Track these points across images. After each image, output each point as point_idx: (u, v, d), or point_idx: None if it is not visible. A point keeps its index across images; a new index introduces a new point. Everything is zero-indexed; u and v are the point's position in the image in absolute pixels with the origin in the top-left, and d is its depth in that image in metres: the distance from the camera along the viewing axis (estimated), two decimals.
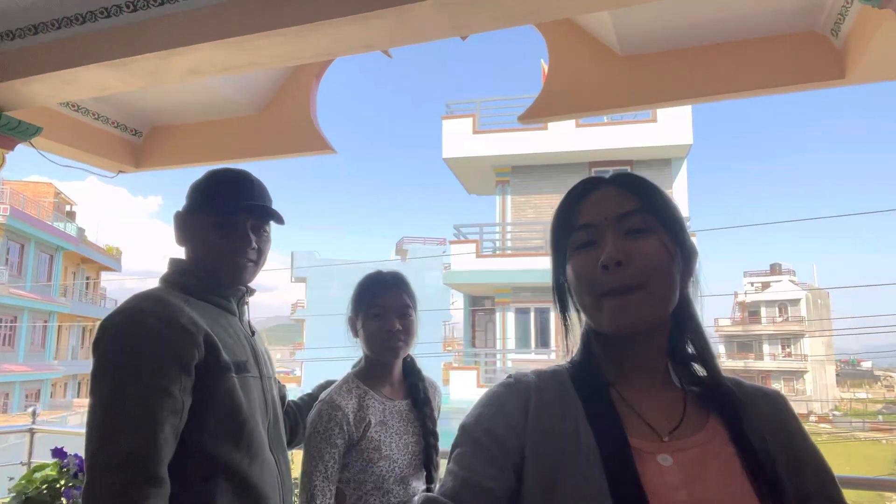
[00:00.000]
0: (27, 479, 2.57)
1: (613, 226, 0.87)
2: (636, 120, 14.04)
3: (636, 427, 0.84)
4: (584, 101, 2.66)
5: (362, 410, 1.65)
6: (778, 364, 46.84)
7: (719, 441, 0.84)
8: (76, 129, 3.11)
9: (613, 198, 0.90)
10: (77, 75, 2.23)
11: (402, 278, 1.79)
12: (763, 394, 0.92)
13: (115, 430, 1.19)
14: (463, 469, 0.84)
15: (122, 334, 1.27)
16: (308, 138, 3.04)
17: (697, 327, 0.91)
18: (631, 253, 0.84)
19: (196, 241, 1.48)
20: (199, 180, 1.53)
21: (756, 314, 50.35)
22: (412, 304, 1.76)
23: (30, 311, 25.52)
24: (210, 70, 2.20)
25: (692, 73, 2.49)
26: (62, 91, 2.37)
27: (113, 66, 2.16)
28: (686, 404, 0.88)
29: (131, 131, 3.41)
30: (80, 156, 3.21)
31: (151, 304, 1.32)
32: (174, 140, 3.43)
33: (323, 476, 1.56)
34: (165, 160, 3.46)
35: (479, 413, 0.89)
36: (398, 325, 1.70)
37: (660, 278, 0.85)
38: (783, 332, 47.62)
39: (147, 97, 3.18)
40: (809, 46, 2.27)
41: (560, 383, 0.90)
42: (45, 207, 28.78)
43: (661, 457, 0.81)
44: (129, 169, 3.44)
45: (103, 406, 1.21)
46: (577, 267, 0.89)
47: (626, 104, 2.67)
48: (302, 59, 2.14)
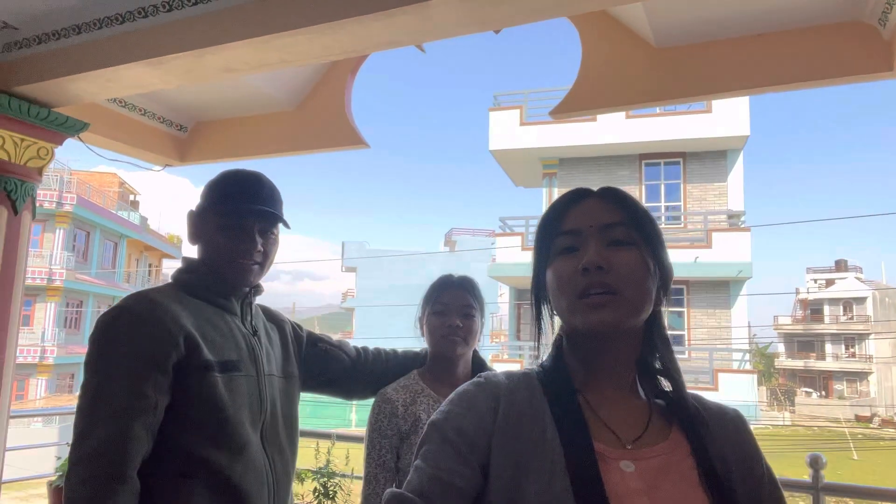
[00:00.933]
0: None
1: (597, 234, 0.90)
2: (689, 111, 13.65)
3: (601, 433, 0.87)
4: (617, 95, 2.60)
5: (414, 405, 1.72)
6: (840, 364, 44.98)
7: (680, 453, 0.87)
8: (123, 124, 3.23)
9: (599, 209, 0.93)
10: (118, 73, 2.32)
11: (469, 281, 1.85)
12: (724, 413, 0.95)
13: (90, 425, 1.25)
14: (431, 466, 0.85)
15: (105, 332, 1.34)
16: (342, 133, 3.08)
17: (666, 343, 0.95)
18: (611, 261, 0.88)
19: (204, 241, 1.52)
20: (211, 181, 1.56)
21: (819, 312, 48.42)
22: (477, 306, 1.81)
23: (95, 295, 26.76)
24: (243, 68, 2.25)
25: (731, 65, 2.41)
26: (105, 88, 2.47)
27: (151, 65, 2.24)
28: (651, 415, 0.91)
29: (176, 126, 3.52)
30: (126, 150, 3.33)
31: (137, 302, 1.37)
32: (217, 135, 3.52)
33: (376, 463, 1.67)
34: (209, 154, 3.56)
35: (448, 411, 0.90)
36: (459, 322, 1.76)
37: (635, 288, 0.88)
38: (847, 332, 45.65)
39: (191, 93, 3.28)
40: (855, 37, 2.16)
41: (529, 386, 0.92)
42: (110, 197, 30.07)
43: (623, 463, 0.84)
44: (174, 163, 3.55)
45: (83, 402, 1.29)
46: (557, 270, 0.92)
47: (661, 97, 2.60)
48: (330, 56, 2.17)
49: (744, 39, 2.39)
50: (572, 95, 2.62)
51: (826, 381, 45.66)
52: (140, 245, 31.97)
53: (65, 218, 24.30)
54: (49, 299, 23.95)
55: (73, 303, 25.61)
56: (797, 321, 50.22)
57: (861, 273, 53.23)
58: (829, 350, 46.46)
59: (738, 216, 14.22)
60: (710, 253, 13.45)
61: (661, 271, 0.92)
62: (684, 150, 14.41)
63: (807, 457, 1.89)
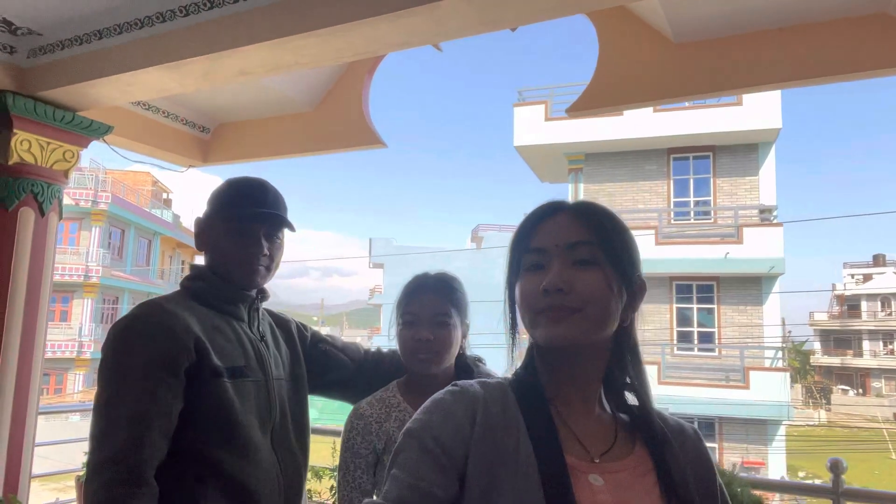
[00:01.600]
0: None
1: (562, 254, 0.91)
2: (719, 103, 13.38)
3: (571, 445, 0.88)
4: (635, 91, 2.57)
5: (388, 422, 1.54)
6: (878, 361, 43.80)
7: (643, 469, 0.89)
8: (147, 126, 3.30)
9: (568, 226, 0.93)
10: (138, 77, 2.37)
11: (445, 282, 1.61)
12: (683, 430, 0.97)
13: (107, 431, 1.28)
14: (410, 475, 0.84)
15: (118, 340, 1.36)
16: (359, 133, 3.10)
17: (636, 358, 0.96)
18: (573, 282, 0.89)
19: (211, 247, 1.54)
20: (217, 188, 1.59)
21: (856, 308, 47.22)
22: (455, 311, 1.57)
23: (130, 291, 27.39)
24: (258, 70, 2.28)
25: (751, 60, 2.35)
26: (126, 92, 2.52)
27: (168, 69, 2.28)
28: (617, 430, 0.93)
29: (199, 128, 3.58)
30: (151, 151, 3.41)
31: (147, 310, 1.41)
32: (238, 136, 3.57)
33: (350, 486, 1.52)
34: (231, 155, 3.61)
35: (426, 420, 0.90)
36: (429, 335, 1.53)
37: (595, 306, 0.89)
38: (885, 328, 44.43)
39: (213, 96, 3.33)
40: (879, 29, 2.09)
41: (504, 396, 0.92)
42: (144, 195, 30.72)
43: (592, 476, 0.85)
44: (197, 164, 3.62)
45: (98, 408, 1.31)
46: (522, 287, 0.94)
47: (679, 93, 2.56)
48: (342, 57, 2.18)
49: (763, 33, 2.34)
50: (590, 92, 2.59)
51: (863, 379, 44.53)
52: (173, 242, 32.60)
53: (100, 216, 24.90)
54: (86, 295, 24.58)
55: (109, 299, 26.24)
56: (833, 317, 49.04)
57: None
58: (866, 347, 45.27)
59: (769, 211, 13.91)
60: (741, 248, 13.19)
61: (628, 288, 0.93)
62: (714, 143, 14.12)
63: (827, 461, 1.85)
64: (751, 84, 2.40)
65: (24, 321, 2.55)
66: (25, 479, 2.58)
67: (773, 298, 13.75)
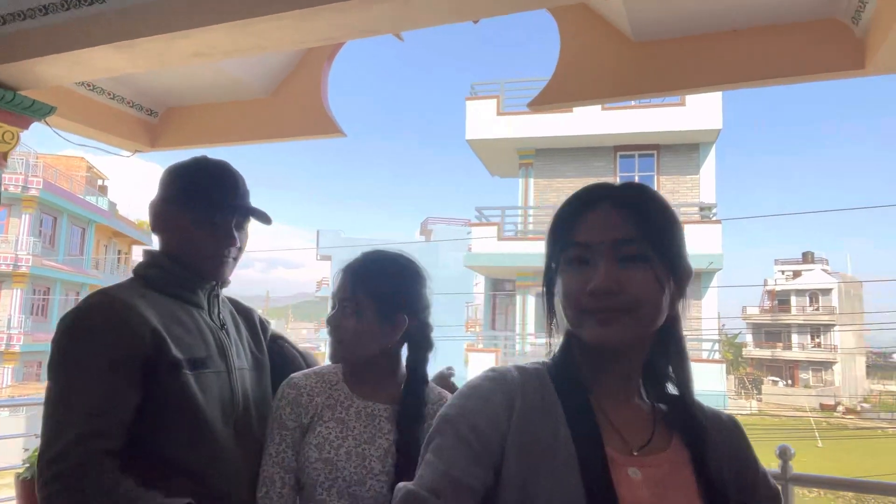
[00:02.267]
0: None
1: (609, 250, 0.87)
2: (663, 103, 13.77)
3: (610, 437, 0.86)
4: (595, 88, 2.60)
5: (320, 396, 1.40)
6: (807, 354, 46.10)
7: (680, 463, 0.88)
8: (92, 108, 3.15)
9: (613, 220, 0.88)
10: (86, 56, 2.25)
11: (368, 265, 1.45)
12: (721, 420, 0.96)
13: (62, 425, 1.21)
14: (444, 462, 0.82)
15: (70, 332, 1.29)
16: (317, 121, 3.04)
17: (681, 349, 0.93)
18: (622, 282, 0.85)
19: (173, 235, 1.46)
20: (178, 169, 1.50)
21: (786, 303, 49.51)
22: (367, 298, 1.40)
23: (62, 282, 26.21)
24: (215, 53, 2.20)
25: (708, 60, 2.42)
26: (73, 72, 2.39)
27: (120, 48, 2.17)
28: (655, 421, 0.91)
29: (147, 111, 3.44)
30: (95, 134, 3.25)
31: (99, 300, 1.33)
32: (189, 121, 3.45)
33: (273, 461, 1.36)
34: (180, 140, 3.48)
35: (462, 405, 0.87)
36: (334, 320, 1.42)
37: (647, 307, 0.86)
38: (813, 322, 46.77)
39: (162, 78, 3.20)
40: (829, 35, 2.18)
41: (542, 384, 0.90)
42: (78, 181, 29.41)
43: (631, 469, 0.84)
44: (144, 149, 3.48)
45: (51, 402, 1.24)
46: (566, 282, 0.90)
47: (639, 91, 2.61)
48: (307, 42, 2.13)
49: (719, 35, 2.41)
50: (551, 87, 2.62)
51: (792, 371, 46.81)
52: (109, 231, 31.34)
53: (31, 202, 23.70)
54: (15, 286, 23.39)
55: (40, 290, 25.05)
56: (765, 311, 51.30)
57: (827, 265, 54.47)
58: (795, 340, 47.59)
59: (709, 208, 14.43)
60: None
61: (677, 278, 0.89)
62: (658, 142, 14.55)
63: (776, 448, 1.93)
64: (706, 84, 2.47)
65: None
66: None
67: (711, 293, 14.27)
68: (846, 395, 42.15)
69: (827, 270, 51.23)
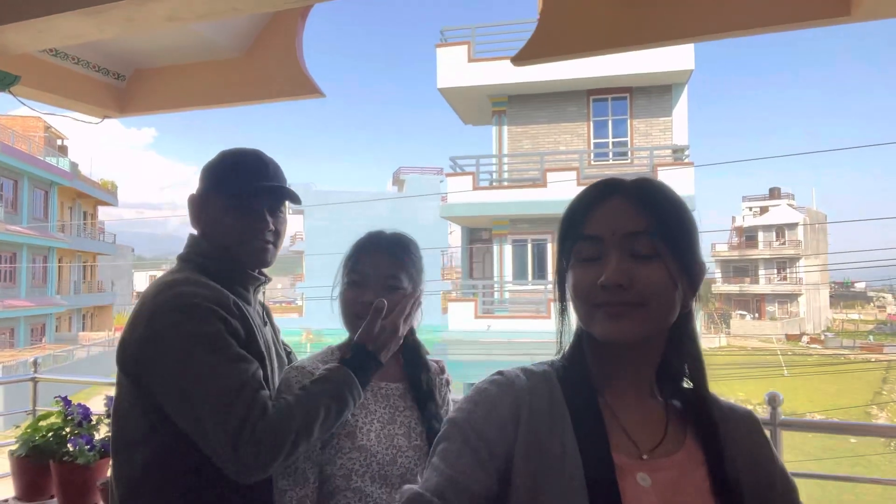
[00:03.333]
0: (33, 428, 2.64)
1: (620, 244, 0.85)
2: None
3: (619, 441, 0.85)
4: (581, 41, 2.55)
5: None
6: (773, 288, 47.54)
7: (694, 463, 0.86)
8: (56, 74, 3.01)
9: (625, 213, 0.86)
10: (52, 23, 2.13)
11: (401, 243, 1.44)
12: (737, 415, 0.94)
13: (223, 404, 1.21)
14: (449, 467, 0.83)
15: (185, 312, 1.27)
16: (295, 81, 2.94)
17: (695, 346, 0.91)
18: (634, 277, 0.84)
19: (210, 225, 1.45)
20: (211, 161, 1.49)
21: (753, 239, 50.70)
22: (406, 277, 1.41)
23: (28, 247, 25.60)
24: (188, 17, 2.10)
25: (693, 10, 2.38)
26: (38, 40, 2.28)
27: (87, 14, 2.06)
28: (668, 420, 0.90)
29: (114, 75, 3.30)
30: (62, 102, 3.11)
31: (193, 287, 1.32)
32: (158, 84, 3.32)
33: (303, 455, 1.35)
34: (150, 105, 3.36)
35: (470, 411, 0.87)
36: (376, 298, 1.37)
37: (658, 301, 0.84)
38: (780, 256, 48.05)
39: (128, 40, 3.05)
40: None
41: (550, 389, 0.89)
42: (36, 142, 28.37)
43: (640, 476, 0.83)
44: (113, 115, 3.34)
45: (200, 385, 1.23)
46: (576, 278, 0.88)
47: (625, 44, 2.56)
48: (286, 4, 2.05)
49: None
50: (535, 41, 2.56)
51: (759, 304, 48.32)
52: (72, 192, 30.50)
53: None
54: None
55: (5, 256, 24.45)
56: (733, 248, 52.48)
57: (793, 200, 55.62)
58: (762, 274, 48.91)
59: (682, 150, 14.52)
60: None
61: (689, 275, 0.87)
62: (631, 84, 14.47)
63: (765, 395, 2.01)
64: (694, 34, 2.43)
65: None
66: None
67: None
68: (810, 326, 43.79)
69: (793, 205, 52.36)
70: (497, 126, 15.50)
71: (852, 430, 2.23)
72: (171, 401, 1.25)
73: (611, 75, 13.82)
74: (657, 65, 13.55)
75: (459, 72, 14.71)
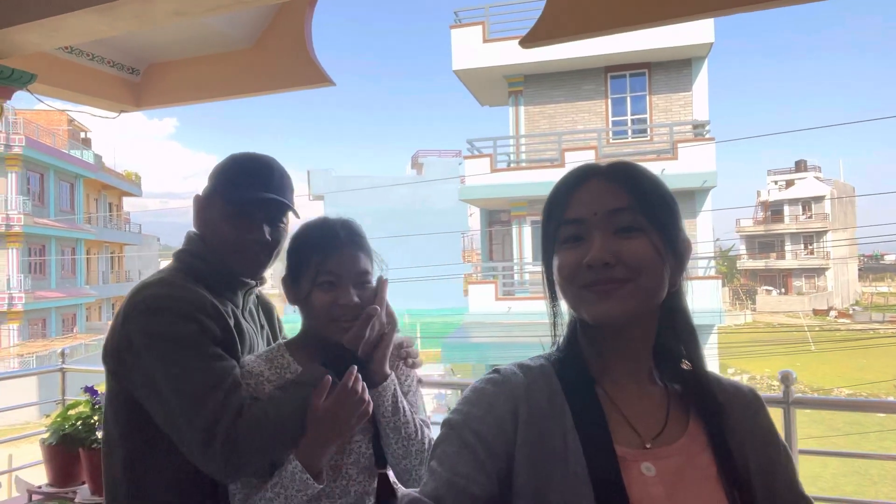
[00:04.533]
0: (62, 416, 2.73)
1: (602, 223, 0.85)
2: None
3: (621, 431, 0.85)
4: (592, 20, 2.50)
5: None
6: (800, 262, 46.80)
7: (697, 447, 0.86)
8: (72, 71, 3.06)
9: (604, 192, 0.86)
10: (64, 22, 2.17)
11: (358, 232, 1.41)
12: (740, 394, 0.93)
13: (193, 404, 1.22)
14: (447, 470, 0.81)
15: (162, 312, 1.28)
16: (305, 70, 2.95)
17: (687, 322, 0.91)
18: (619, 252, 0.83)
19: (209, 229, 1.45)
20: (221, 164, 1.48)
21: (779, 213, 49.86)
22: (371, 266, 1.40)
23: (57, 239, 26.11)
24: (196, 11, 2.13)
25: None
26: (52, 38, 2.32)
27: (98, 11, 2.10)
28: (669, 405, 0.89)
29: (128, 69, 3.34)
30: (79, 98, 3.17)
31: (170, 288, 1.33)
32: (172, 77, 3.36)
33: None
34: (165, 98, 3.40)
35: (467, 412, 0.86)
36: (355, 297, 1.34)
37: (646, 276, 0.84)
38: (806, 230, 47.23)
39: (141, 35, 3.09)
40: None
41: (547, 382, 0.88)
42: (60, 136, 28.83)
43: (644, 465, 0.82)
44: (129, 108, 3.40)
45: (174, 385, 1.24)
46: (562, 261, 0.87)
47: (638, 21, 2.50)
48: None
49: None
50: (543, 22, 2.53)
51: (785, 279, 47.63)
52: (97, 184, 30.99)
53: (15, 161, 23.32)
54: (10, 246, 23.33)
55: (35, 248, 24.99)
56: (758, 223, 51.68)
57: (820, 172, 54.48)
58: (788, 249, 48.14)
59: (702, 126, 14.28)
60: (677, 164, 13.55)
61: (674, 250, 0.87)
62: (650, 59, 14.23)
63: (778, 373, 2.01)
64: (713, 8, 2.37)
65: None
66: None
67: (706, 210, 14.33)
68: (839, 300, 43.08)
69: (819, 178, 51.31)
70: (513, 106, 15.38)
71: (866, 406, 2.21)
72: (146, 399, 1.28)
73: (628, 51, 13.60)
74: (676, 39, 13.30)
75: (474, 53, 14.59)
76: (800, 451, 1.99)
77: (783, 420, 1.94)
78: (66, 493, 2.68)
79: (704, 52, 14.03)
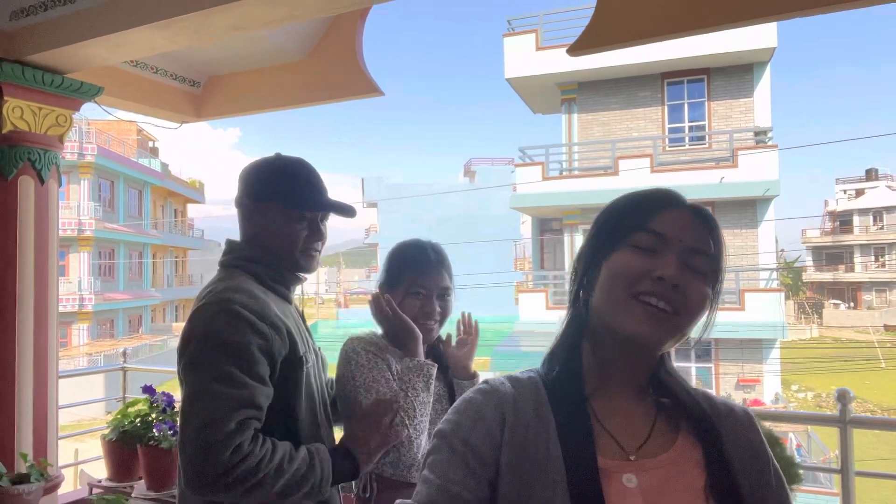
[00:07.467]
0: (122, 414, 2.86)
1: (682, 251, 0.87)
2: None
3: (605, 444, 0.85)
4: (642, 27, 2.47)
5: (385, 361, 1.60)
6: (870, 275, 44.56)
7: (687, 462, 0.86)
8: (137, 84, 3.21)
9: (694, 229, 0.89)
10: (127, 37, 2.29)
11: (444, 256, 1.75)
12: (732, 413, 0.93)
13: (216, 416, 1.25)
14: (439, 477, 0.84)
15: (221, 319, 1.33)
16: (355, 81, 3.02)
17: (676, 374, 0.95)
18: (687, 285, 0.85)
19: (267, 231, 1.51)
20: (261, 168, 1.55)
21: (848, 223, 47.61)
22: (452, 283, 1.75)
23: (125, 243, 27.33)
24: (251, 25, 2.21)
25: None
26: (116, 52, 2.45)
27: (158, 27, 2.20)
28: (656, 419, 0.90)
29: (190, 82, 3.49)
30: (143, 109, 3.33)
31: (235, 294, 1.38)
32: (230, 89, 3.49)
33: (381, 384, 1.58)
34: (224, 109, 3.53)
35: (456, 421, 0.88)
36: (438, 307, 1.69)
37: (690, 318, 0.86)
38: (877, 242, 44.96)
39: (201, 49, 3.22)
40: None
41: (535, 395, 0.90)
42: (130, 145, 30.20)
43: (626, 477, 0.83)
44: (190, 119, 3.54)
45: (207, 388, 1.28)
46: (625, 260, 0.88)
47: (689, 27, 2.45)
48: (339, 8, 2.11)
49: None
50: (591, 30, 2.50)
51: (854, 293, 45.40)
52: (164, 191, 32.30)
53: (88, 168, 24.55)
54: (81, 249, 24.53)
55: (104, 252, 26.20)
56: (826, 234, 49.51)
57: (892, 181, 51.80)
58: (857, 261, 45.89)
59: (764, 133, 13.82)
60: (737, 172, 13.15)
61: (713, 303, 0.90)
62: (708, 66, 13.87)
63: (835, 391, 1.92)
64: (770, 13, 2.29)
65: (36, 290, 2.56)
66: (53, 441, 2.65)
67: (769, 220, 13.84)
68: None
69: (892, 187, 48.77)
70: (566, 114, 15.24)
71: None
72: (181, 385, 1.35)
73: (686, 57, 13.29)
74: (736, 44, 12.93)
75: (527, 61, 14.55)
76: (856, 473, 1.90)
77: (839, 439, 1.86)
78: (124, 487, 2.79)
79: (767, 56, 13.59)
